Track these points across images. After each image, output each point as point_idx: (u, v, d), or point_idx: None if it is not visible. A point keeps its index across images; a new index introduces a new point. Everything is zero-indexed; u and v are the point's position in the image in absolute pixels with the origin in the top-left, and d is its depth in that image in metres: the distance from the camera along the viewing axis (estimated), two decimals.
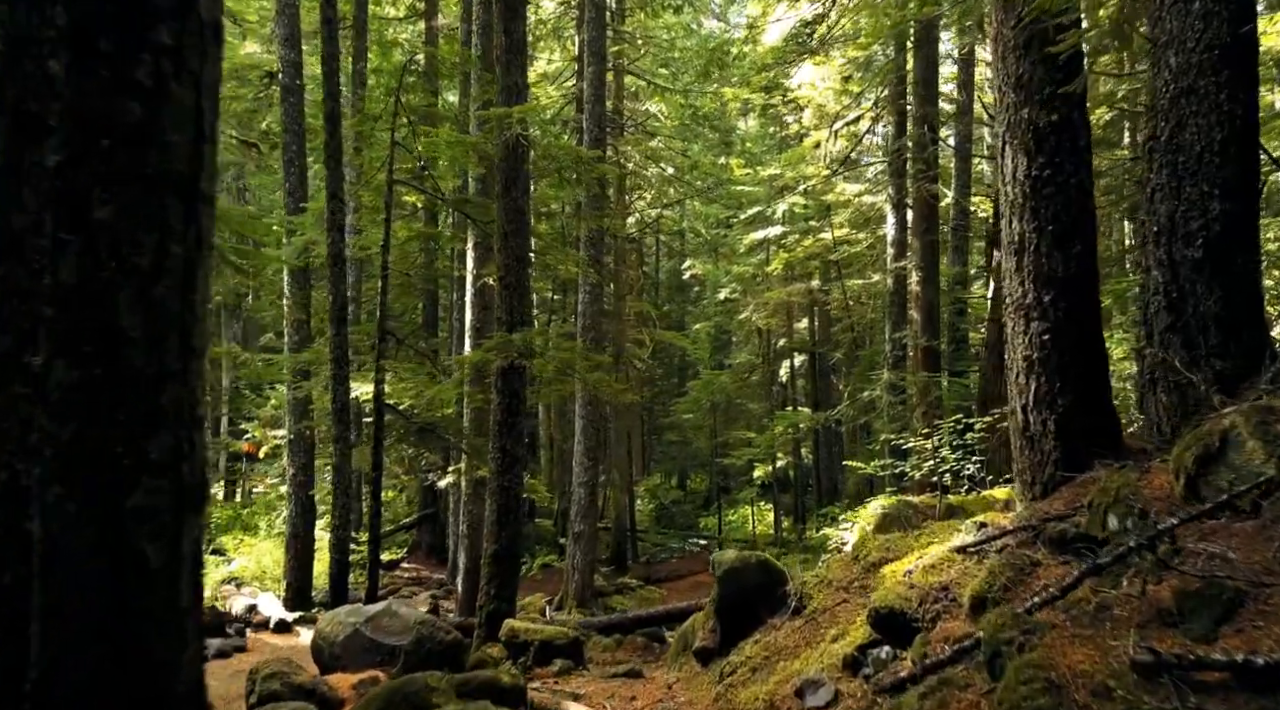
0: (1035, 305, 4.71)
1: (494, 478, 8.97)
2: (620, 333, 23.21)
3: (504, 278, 9.14)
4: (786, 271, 25.37)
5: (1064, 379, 4.63)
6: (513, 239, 9.17)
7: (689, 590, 20.66)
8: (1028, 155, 4.74)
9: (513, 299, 9.10)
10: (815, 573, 6.45)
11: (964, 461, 10.95)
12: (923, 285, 14.39)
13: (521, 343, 8.72)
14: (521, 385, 9.07)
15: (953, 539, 5.05)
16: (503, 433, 8.99)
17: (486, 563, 8.84)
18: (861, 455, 22.08)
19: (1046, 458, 4.65)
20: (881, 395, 14.99)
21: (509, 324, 9.00)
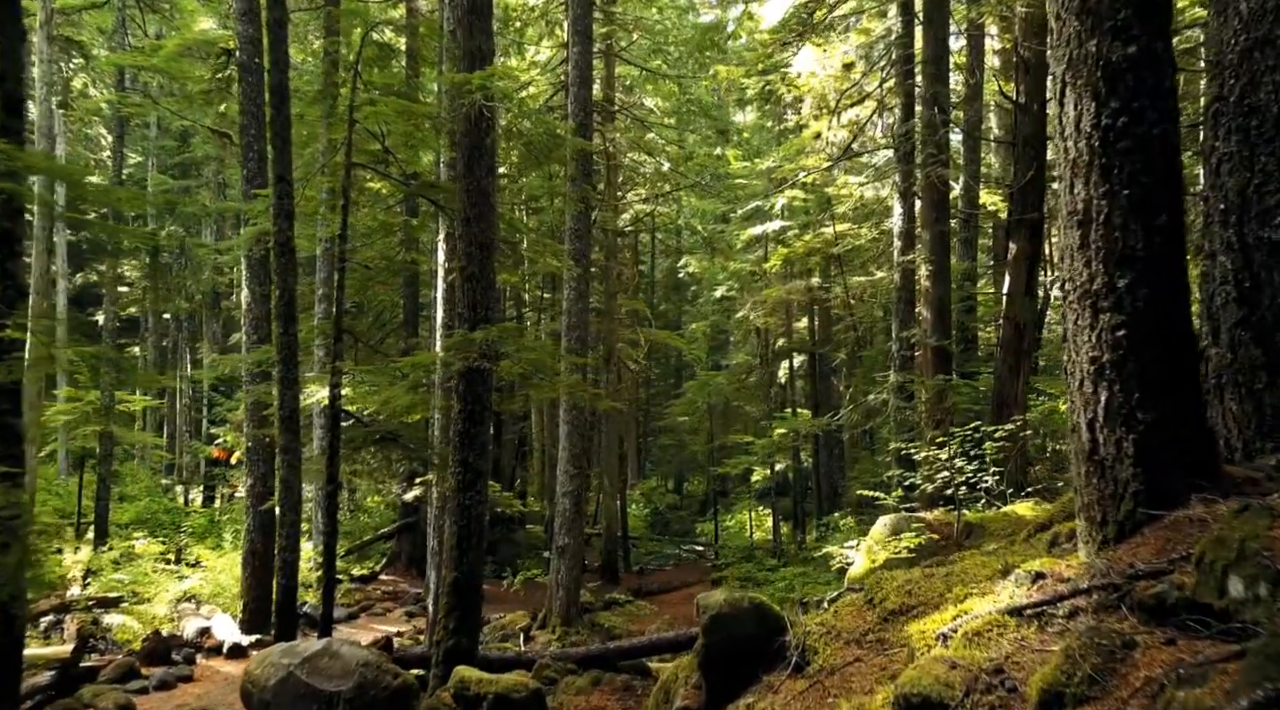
0: (1106, 291, 3.64)
1: (454, 495, 7.91)
2: (612, 332, 22.16)
3: (465, 268, 8.09)
4: (785, 268, 24.31)
5: (1145, 387, 3.56)
6: (475, 224, 8.12)
7: (683, 602, 19.60)
8: (1096, 99, 3.67)
9: (475, 292, 8.04)
10: (820, 619, 5.38)
11: (980, 473, 9.91)
12: (933, 280, 13.33)
13: (484, 342, 7.66)
14: (486, 390, 8.01)
15: (998, 591, 3.98)
16: (464, 444, 7.93)
17: (445, 592, 7.78)
18: (865, 462, 21.05)
19: (1122, 489, 3.58)
20: (888, 399, 13.92)
21: (471, 321, 7.96)
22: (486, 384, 7.99)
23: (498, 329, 7.59)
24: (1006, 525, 9.08)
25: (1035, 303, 13.15)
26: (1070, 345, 3.88)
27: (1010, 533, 9.05)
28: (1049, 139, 14.38)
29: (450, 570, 7.79)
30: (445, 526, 12.12)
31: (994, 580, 4.22)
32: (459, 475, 7.90)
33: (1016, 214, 12.82)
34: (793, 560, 20.34)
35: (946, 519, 9.63)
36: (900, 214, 14.18)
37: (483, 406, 8.01)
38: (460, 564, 7.77)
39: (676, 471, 38.27)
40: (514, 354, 7.79)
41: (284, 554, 8.96)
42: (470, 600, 7.79)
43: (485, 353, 7.67)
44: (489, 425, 8.09)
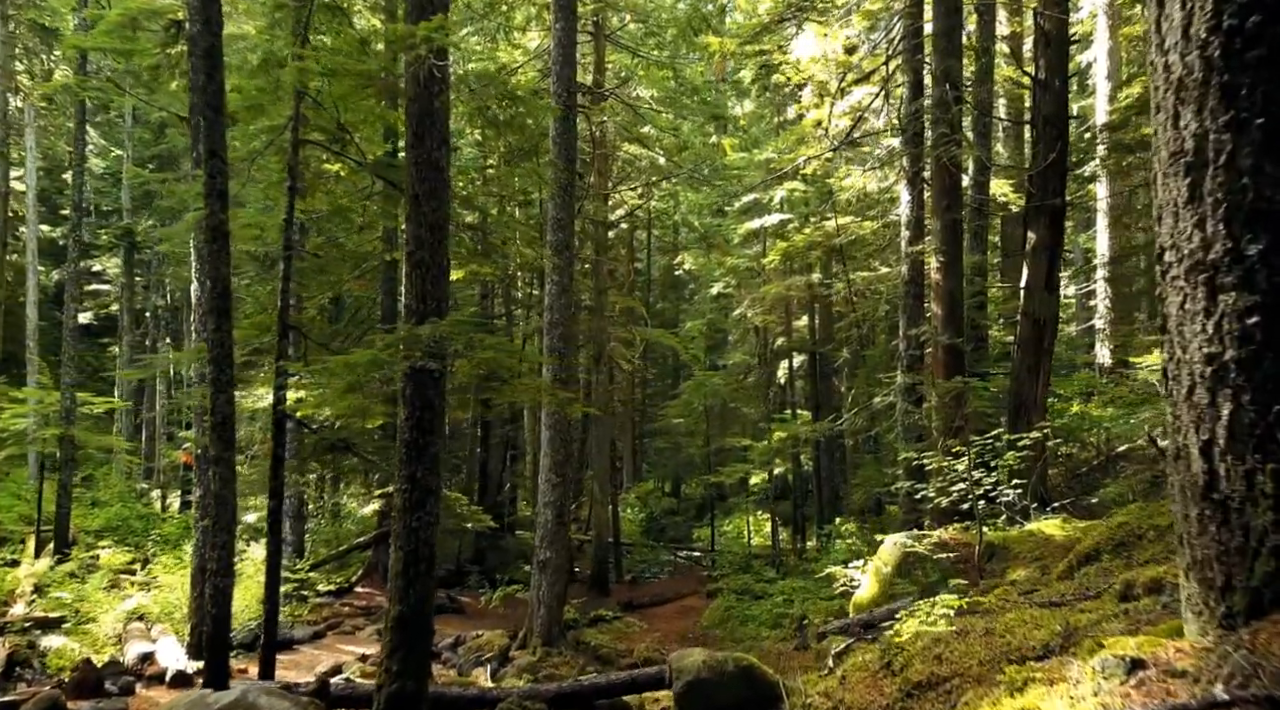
0: (1230, 262, 2.58)
1: (400, 516, 6.85)
2: (602, 330, 21.10)
3: (413, 253, 7.03)
4: (785, 264, 23.24)
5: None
6: (425, 203, 7.05)
7: (676, 616, 18.52)
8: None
9: (425, 281, 6.98)
10: (824, 686, 4.33)
11: (1000, 485, 8.85)
12: (944, 272, 12.27)
13: (432, 338, 6.60)
14: (437, 395, 6.95)
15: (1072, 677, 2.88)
16: (411, 457, 6.87)
17: (389, 628, 6.72)
18: (868, 467, 19.97)
19: (1258, 542, 2.51)
20: (895, 401, 12.86)
21: (419, 313, 6.90)
22: (437, 387, 6.92)
23: (448, 323, 6.53)
24: (1033, 547, 8.02)
25: (1056, 297, 12.10)
26: (1172, 338, 2.82)
27: (1040, 557, 7.99)
28: (1071, 118, 13.34)
29: (395, 603, 6.73)
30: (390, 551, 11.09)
31: (1061, 658, 3.13)
32: (405, 493, 6.84)
33: (1036, 200, 11.76)
34: (792, 571, 19.27)
35: (963, 538, 8.57)
36: (908, 202, 13.12)
37: (433, 413, 6.94)
38: (406, 596, 6.71)
39: (674, 474, 37.18)
40: (468, 352, 6.73)
41: (215, 579, 7.89)
42: (418, 637, 6.73)
43: (433, 351, 6.60)
44: (441, 435, 7.02)
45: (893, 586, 8.34)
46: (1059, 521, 8.50)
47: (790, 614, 15.51)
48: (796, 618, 15.15)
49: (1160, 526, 5.35)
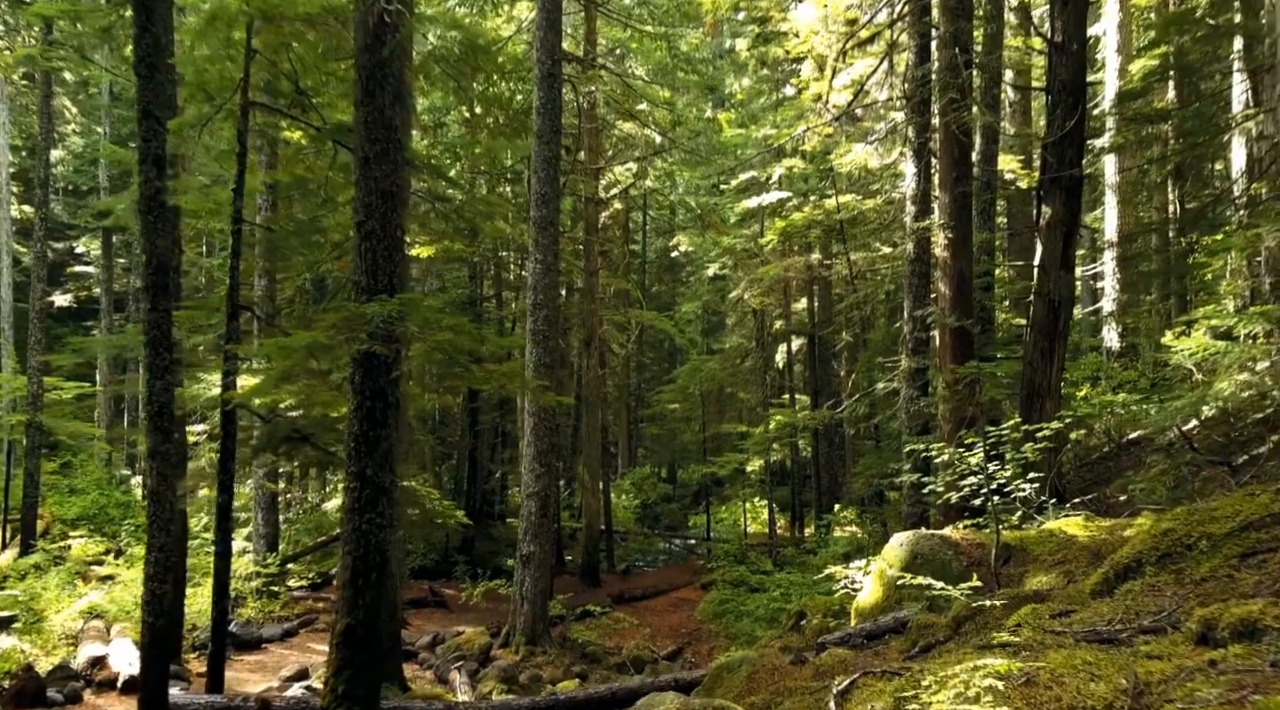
0: None
1: (348, 518, 6.11)
2: (592, 313, 20.33)
3: (362, 223, 6.25)
4: (783, 244, 22.43)
5: None
6: (376, 166, 6.27)
7: (668, 610, 17.83)
8: None
9: (375, 254, 6.21)
10: None
11: (1016, 480, 8.09)
12: (952, 250, 11.48)
13: (381, 319, 5.83)
14: (390, 383, 6.19)
15: None
16: (361, 452, 6.12)
17: (334, 644, 5.98)
18: (869, 455, 19.25)
19: None
20: (899, 388, 12.10)
21: (370, 290, 6.12)
22: (390, 374, 6.16)
23: (398, 301, 5.76)
24: (1054, 548, 7.27)
25: (1072, 276, 11.30)
26: None
27: (1062, 561, 7.25)
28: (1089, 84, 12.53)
29: (342, 615, 5.99)
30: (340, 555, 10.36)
31: None
32: (354, 492, 6.09)
33: (1051, 171, 10.95)
34: (789, 562, 18.59)
35: (976, 538, 7.82)
36: (914, 175, 12.31)
37: (385, 403, 6.18)
38: (355, 607, 5.97)
39: (670, 459, 36.51)
40: (424, 335, 5.96)
41: (150, 585, 7.16)
42: (369, 654, 5.99)
43: (382, 333, 5.84)
44: (395, 427, 6.26)
45: (898, 592, 7.60)
46: (1080, 520, 7.75)
47: (787, 609, 14.80)
48: (794, 613, 14.41)
49: (1214, 536, 4.62)
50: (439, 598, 16.91)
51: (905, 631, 6.58)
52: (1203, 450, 9.38)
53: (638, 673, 12.85)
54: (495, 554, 21.87)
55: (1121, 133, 14.79)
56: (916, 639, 6.30)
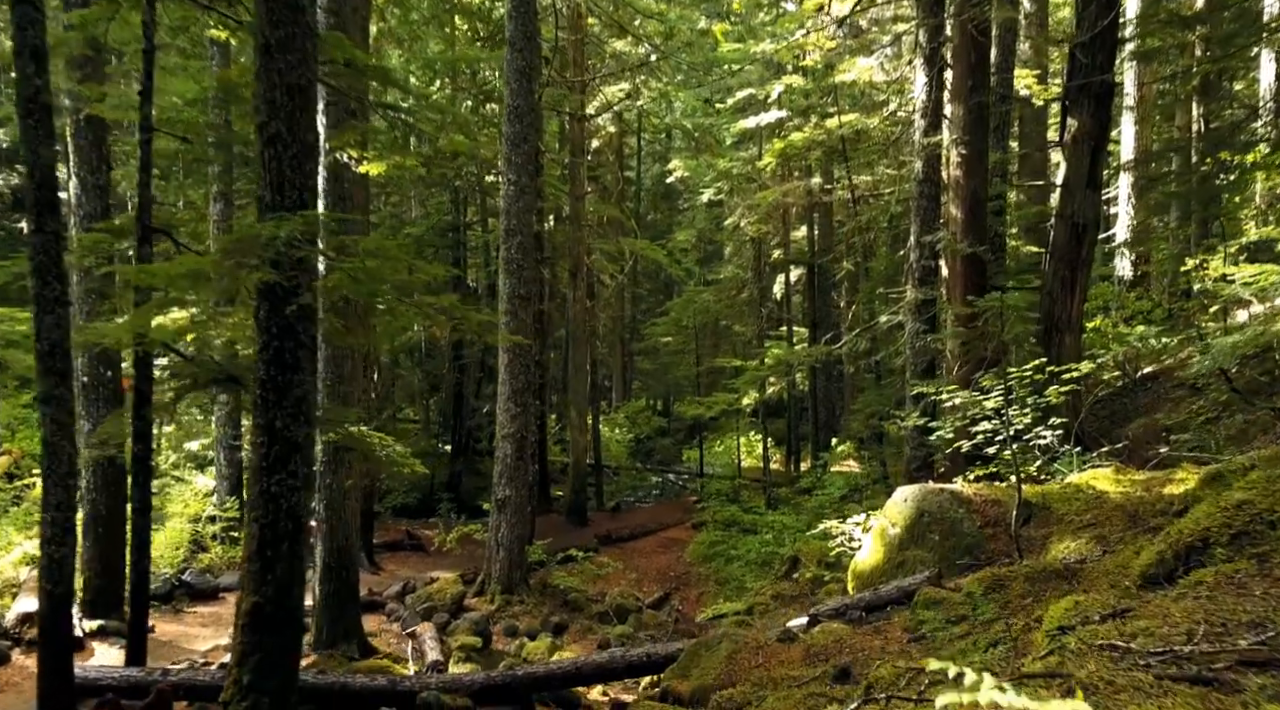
0: None
1: (255, 479, 5.16)
2: (579, 241, 19.18)
3: (265, 125, 5.15)
4: (782, 167, 21.16)
5: None
6: (279, 56, 5.14)
7: (657, 551, 17.09)
8: None
9: (281, 163, 5.12)
10: None
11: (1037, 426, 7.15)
12: (965, 168, 10.35)
13: (284, 242, 4.79)
14: (301, 318, 5.17)
15: None
16: (269, 401, 5.14)
17: (239, 626, 5.09)
18: (869, 391, 18.34)
19: None
20: (905, 321, 11.08)
21: (273, 205, 5.07)
22: (303, 310, 5.14)
23: (301, 219, 4.71)
24: (1083, 507, 6.35)
25: (1098, 196, 10.21)
26: None
27: (1093, 522, 6.33)
28: None
29: (248, 592, 5.08)
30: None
31: None
32: (262, 448, 5.13)
33: (1080, 77, 9.77)
34: (784, 501, 17.83)
35: (991, 494, 6.90)
36: (924, 84, 11.08)
37: (297, 343, 5.17)
38: (263, 582, 5.06)
39: (664, 392, 35.67)
40: (339, 261, 4.93)
41: (48, 548, 6.22)
42: (281, 638, 5.10)
43: (284, 259, 4.80)
44: (312, 371, 5.27)
45: (902, 554, 6.72)
46: (1109, 472, 6.82)
47: (780, 553, 14.07)
48: (787, 559, 13.70)
49: None
50: (416, 540, 16.18)
51: (911, 605, 5.70)
52: (1242, 390, 8.41)
53: (620, 622, 12.14)
54: (483, 490, 21.09)
55: (1151, 36, 13.44)
56: (924, 617, 5.41)
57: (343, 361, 9.34)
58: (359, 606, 9.88)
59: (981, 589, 5.21)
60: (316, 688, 6.52)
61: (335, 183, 9.32)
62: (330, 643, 9.33)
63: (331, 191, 9.34)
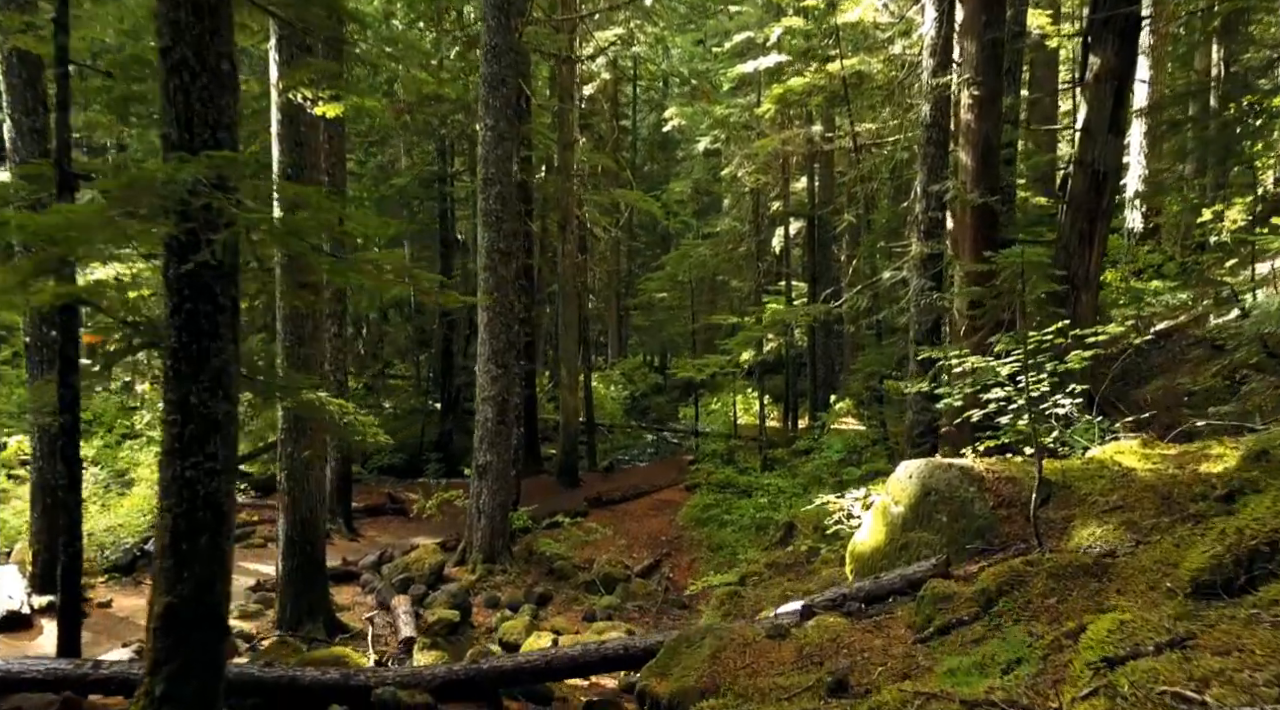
0: None
1: (166, 463, 4.51)
2: (569, 192, 18.36)
3: (168, 50, 4.40)
4: (781, 114, 20.20)
5: None
6: None
7: (649, 514, 16.54)
8: None
9: (189, 95, 4.39)
10: None
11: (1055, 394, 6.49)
12: (978, 111, 9.55)
13: (191, 185, 4.09)
14: (221, 279, 4.47)
15: None
16: (181, 372, 4.47)
17: (152, 630, 4.47)
18: (870, 350, 17.66)
19: None
20: (910, 277, 10.36)
21: (179, 144, 4.35)
22: (220, 268, 4.43)
23: (208, 160, 3.99)
24: (1108, 486, 5.70)
25: (1121, 142, 9.45)
26: None
27: (1121, 504, 5.68)
28: None
29: (161, 592, 4.46)
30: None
31: None
32: (174, 427, 4.47)
33: (1104, 9, 8.94)
34: (780, 462, 17.25)
35: (1004, 470, 6.24)
36: (933, 19, 10.22)
37: (214, 306, 4.48)
38: (178, 580, 4.43)
39: (660, 348, 34.99)
40: (248, 212, 4.21)
41: None
42: (202, 641, 4.49)
43: (191, 209, 4.09)
44: (233, 339, 4.58)
45: (906, 536, 6.10)
46: (1136, 445, 6.17)
47: (775, 519, 13.52)
48: (782, 525, 13.15)
49: None
50: (399, 504, 15.63)
51: (916, 598, 5.08)
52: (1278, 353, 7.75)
53: (608, 593, 11.61)
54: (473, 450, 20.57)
55: None
56: (931, 614, 4.80)
57: (302, 322, 8.65)
58: (326, 581, 9.31)
59: (997, 585, 4.59)
60: (262, 682, 5.95)
61: (291, 127, 8.53)
62: (295, 622, 8.78)
63: (288, 136, 8.56)
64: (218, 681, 4.56)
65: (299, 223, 4.30)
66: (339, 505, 13.85)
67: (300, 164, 8.50)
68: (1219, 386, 8.51)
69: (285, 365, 8.63)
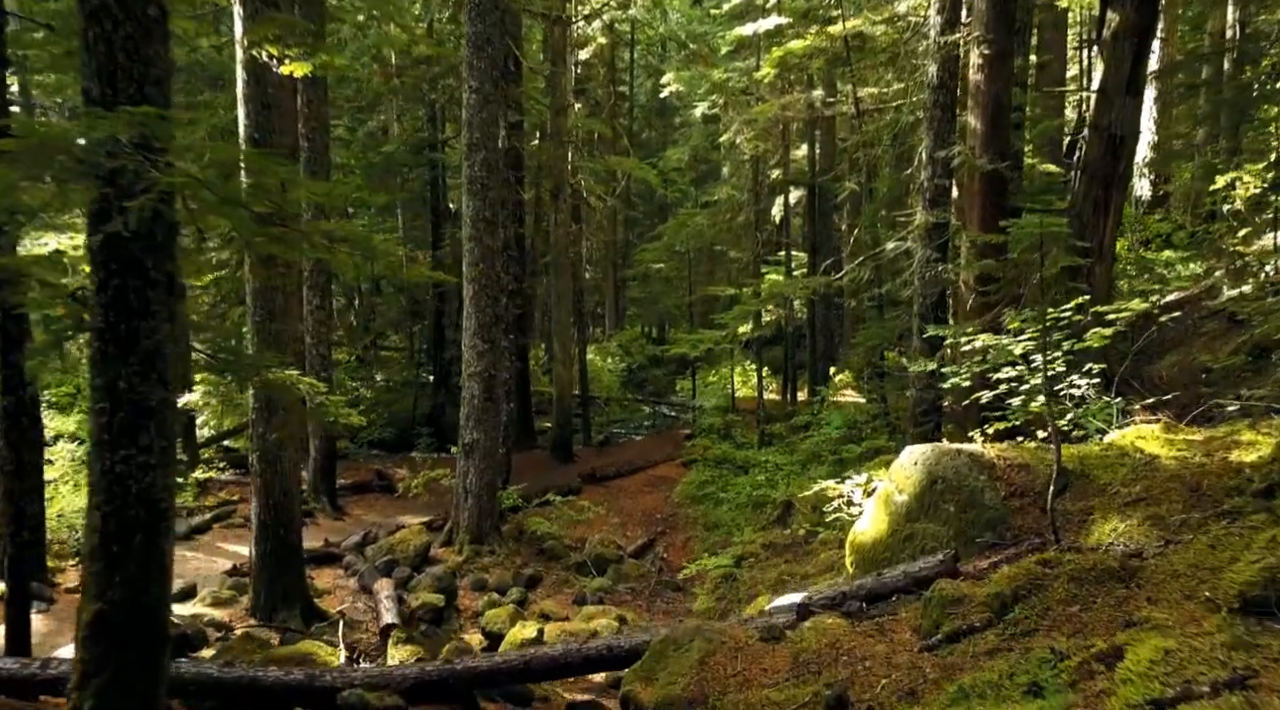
0: None
1: (96, 455, 4.08)
2: (561, 159, 17.80)
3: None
4: (781, 78, 19.57)
5: None
6: None
7: (644, 490, 16.17)
8: None
9: (110, 45, 3.90)
10: None
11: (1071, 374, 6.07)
12: (988, 71, 9.02)
13: (102, 146, 3.62)
14: (156, 251, 4.01)
15: None
16: (109, 355, 4.03)
17: (80, 639, 4.06)
18: (872, 322, 17.21)
19: None
20: (914, 248, 9.87)
21: (100, 99, 3.88)
22: (150, 238, 3.97)
23: (128, 117, 3.52)
24: (1130, 475, 5.27)
25: (1139, 103, 8.93)
26: None
27: (1145, 496, 5.23)
28: None
29: (91, 598, 4.04)
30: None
31: None
32: (102, 415, 4.03)
33: None
34: (778, 438, 16.85)
35: (1017, 457, 5.80)
36: None
37: (145, 280, 4.02)
38: (109, 584, 4.02)
39: (659, 320, 34.49)
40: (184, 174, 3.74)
41: None
42: (136, 649, 4.08)
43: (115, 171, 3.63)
44: (165, 316, 4.12)
45: (910, 526, 5.69)
46: (1158, 429, 5.74)
47: (773, 497, 13.14)
48: (780, 504, 12.77)
49: None
50: (386, 481, 15.24)
51: (923, 599, 4.67)
52: None
53: (599, 574, 11.26)
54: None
55: None
56: (939, 619, 4.38)
57: (272, 295, 8.19)
58: (302, 566, 8.93)
59: (1013, 589, 4.17)
60: (221, 683, 5.57)
61: (257, 87, 8.01)
62: (270, 609, 8.41)
63: (254, 97, 8.04)
64: (155, 697, 4.16)
65: (233, 190, 3.83)
66: (323, 483, 13.46)
67: (268, 128, 7.99)
68: (1240, 364, 8.08)
69: (256, 341, 8.18)
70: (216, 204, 3.78)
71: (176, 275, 4.26)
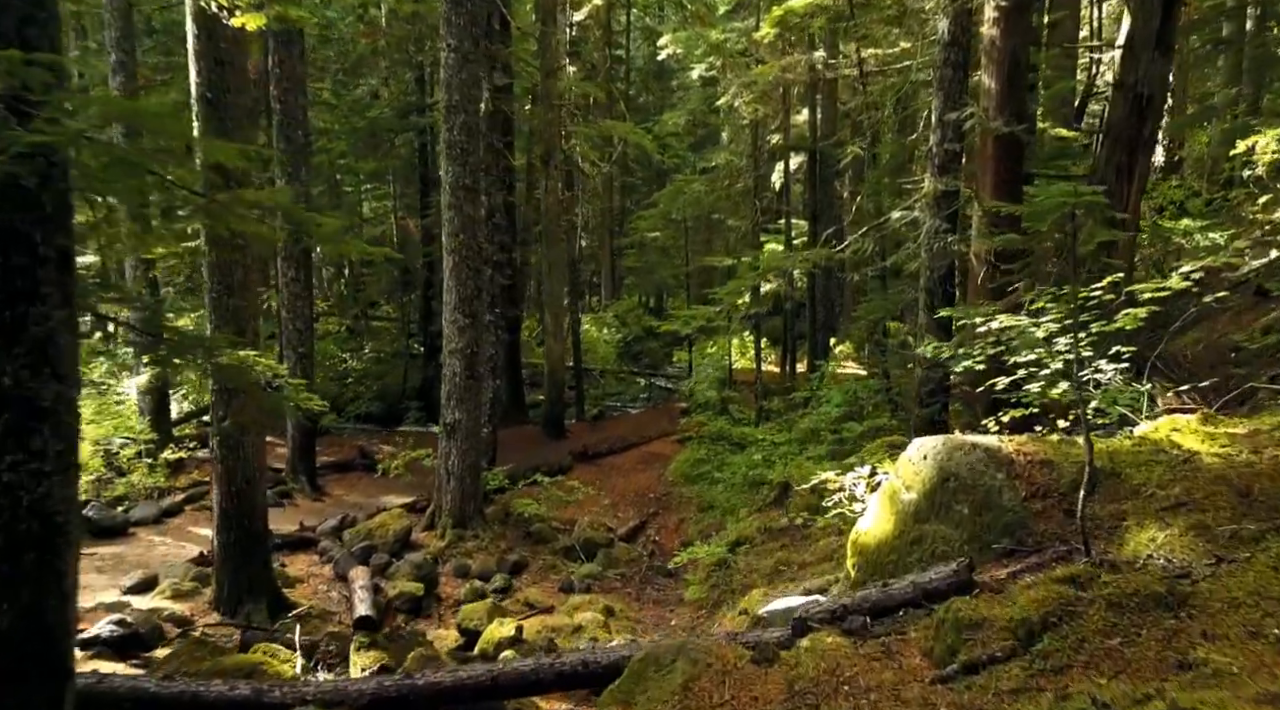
0: None
1: None
2: (551, 123, 17.09)
3: None
4: (781, 39, 18.78)
5: None
6: None
7: (637, 468, 15.64)
8: None
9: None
10: None
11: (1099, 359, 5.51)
12: (1003, 25, 8.35)
13: None
14: (45, 222, 3.42)
15: None
16: None
17: None
18: (875, 295, 16.60)
19: None
20: (922, 217, 9.25)
21: None
22: (39, 208, 3.38)
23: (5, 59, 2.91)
24: (1166, 473, 4.71)
25: (1169, 61, 8.28)
26: None
27: (1187, 500, 4.65)
28: None
29: None
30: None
31: None
32: None
33: None
34: (776, 414, 16.32)
35: (1038, 452, 5.23)
36: None
37: (33, 258, 3.44)
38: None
39: (656, 290, 33.82)
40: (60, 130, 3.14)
41: None
42: (29, 689, 3.55)
43: None
44: (59, 302, 3.54)
45: (919, 528, 5.15)
46: (1195, 422, 5.18)
47: (770, 478, 12.62)
48: (777, 485, 12.25)
49: None
50: (368, 460, 14.72)
51: (936, 619, 4.13)
52: None
53: (588, 560, 10.76)
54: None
55: None
56: (954, 644, 3.84)
57: (232, 269, 7.59)
58: (268, 555, 8.41)
59: (1040, 615, 3.63)
60: (159, 699, 5.06)
61: (209, 42, 7.35)
62: (234, 602, 7.91)
63: (205, 53, 7.38)
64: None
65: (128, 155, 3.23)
66: (302, 462, 12.94)
67: (222, 86, 7.35)
68: (1274, 342, 7.51)
69: (212, 319, 7.60)
70: (106, 167, 3.17)
71: (71, 251, 3.67)
